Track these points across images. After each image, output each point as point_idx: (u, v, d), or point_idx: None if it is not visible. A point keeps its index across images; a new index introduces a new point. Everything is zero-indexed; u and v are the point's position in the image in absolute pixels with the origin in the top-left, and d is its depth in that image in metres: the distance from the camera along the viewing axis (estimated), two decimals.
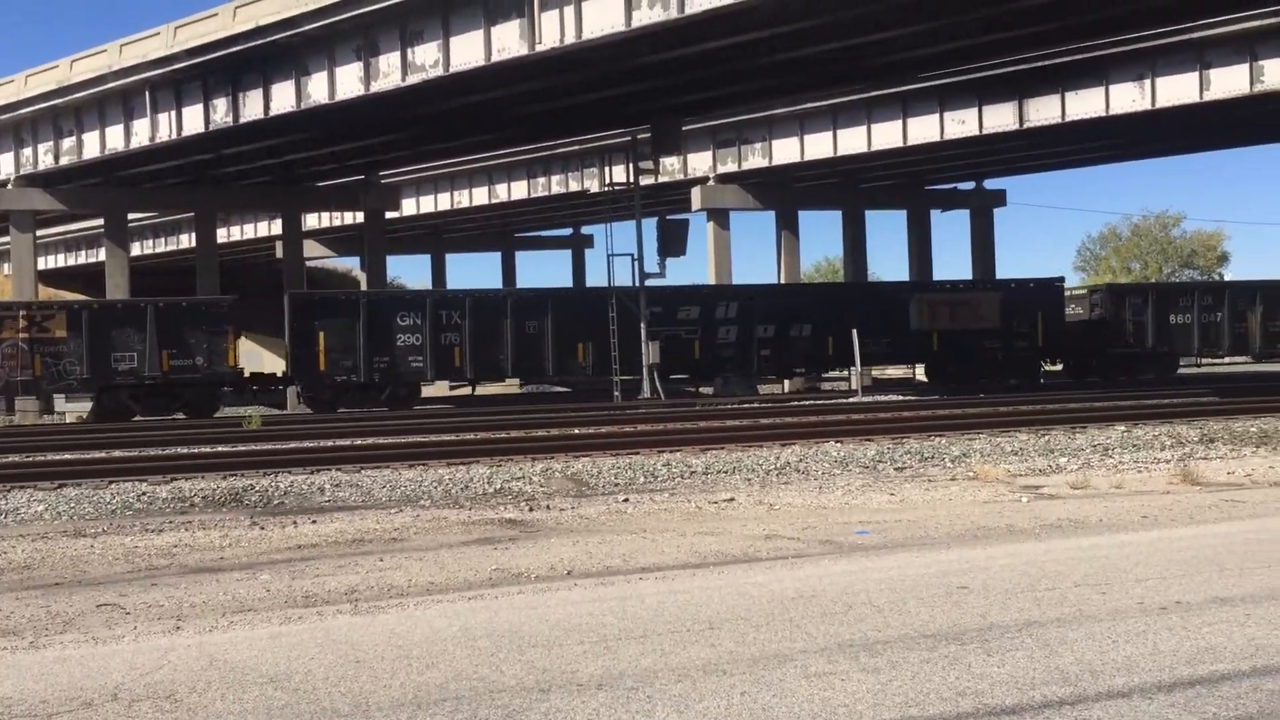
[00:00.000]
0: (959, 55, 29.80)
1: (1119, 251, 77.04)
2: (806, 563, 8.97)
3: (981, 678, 5.61)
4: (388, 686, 5.69)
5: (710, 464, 16.19)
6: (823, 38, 25.30)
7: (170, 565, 9.82)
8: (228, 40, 28.62)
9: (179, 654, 6.47)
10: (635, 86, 29.07)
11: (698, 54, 25.64)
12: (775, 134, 39.28)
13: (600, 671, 5.86)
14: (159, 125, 31.75)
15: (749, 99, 34.41)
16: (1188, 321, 36.77)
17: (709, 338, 32.14)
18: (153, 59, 30.58)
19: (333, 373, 29.79)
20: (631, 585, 8.19)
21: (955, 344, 33.92)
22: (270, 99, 29.38)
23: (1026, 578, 7.93)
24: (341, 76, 27.87)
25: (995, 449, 17.43)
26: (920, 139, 36.18)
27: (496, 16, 24.72)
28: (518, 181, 46.59)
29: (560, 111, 32.09)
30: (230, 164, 37.08)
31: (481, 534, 11.10)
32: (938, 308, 34.09)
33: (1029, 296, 35.22)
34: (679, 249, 32.98)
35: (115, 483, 14.99)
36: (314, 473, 15.65)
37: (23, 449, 20.43)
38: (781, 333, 32.70)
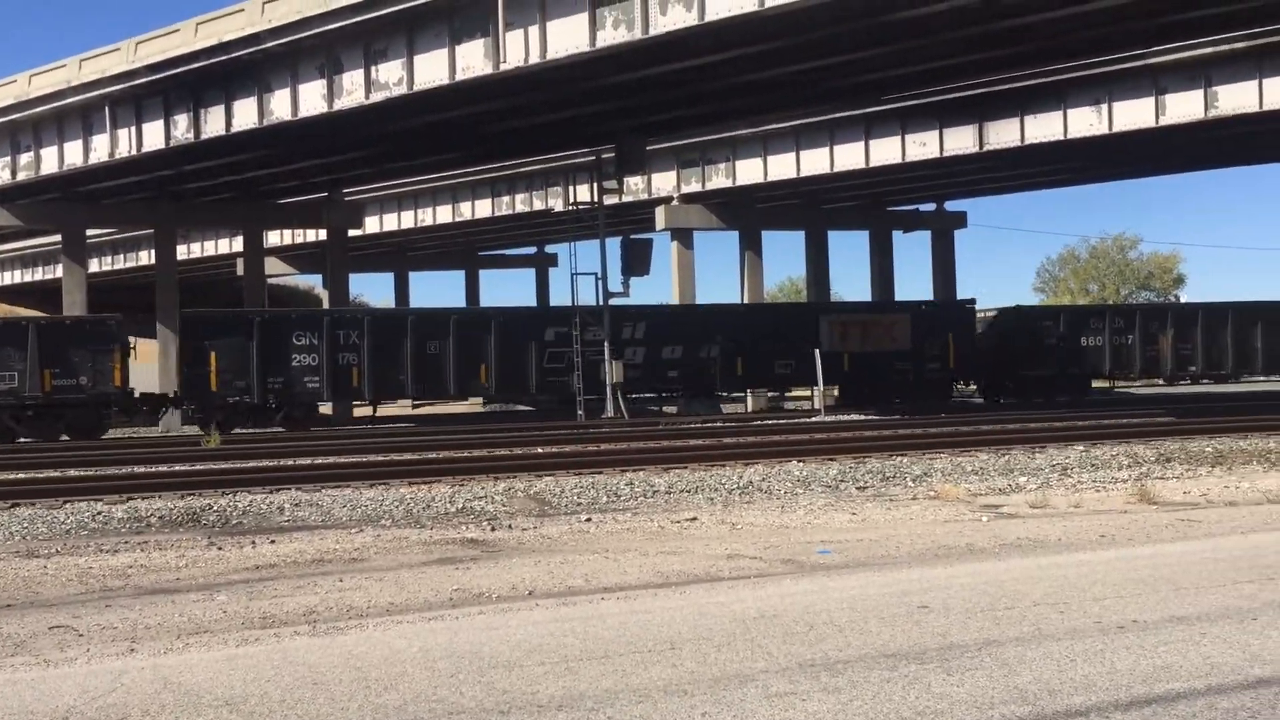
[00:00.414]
0: (920, 78, 30.14)
1: (1077, 273, 78.02)
2: (768, 582, 8.97)
3: (941, 697, 5.63)
4: (345, 709, 5.63)
5: (673, 483, 16.19)
6: (786, 60, 25.50)
7: (125, 586, 9.67)
8: (190, 56, 28.43)
9: (132, 676, 6.36)
10: (600, 106, 29.16)
11: (662, 75, 25.78)
12: (739, 154, 39.51)
13: (561, 692, 5.83)
14: (119, 141, 31.46)
15: (713, 120, 34.60)
16: (1099, 344, 36.87)
17: (616, 358, 31.68)
18: (113, 74, 30.32)
19: (224, 393, 29.13)
20: (594, 605, 8.16)
21: (866, 365, 33.83)
22: (232, 115, 29.20)
23: (986, 597, 7.97)
24: (305, 94, 27.75)
25: (956, 468, 17.54)
26: (882, 160, 36.51)
27: (461, 36, 24.73)
28: (482, 200, 46.54)
29: (525, 131, 32.13)
30: (191, 180, 36.80)
31: (443, 554, 11.02)
32: (848, 329, 34.03)
33: (940, 318, 35.37)
34: (643, 268, 33.07)
35: (70, 502, 14.78)
36: (273, 492, 15.50)
37: None
38: (690, 354, 32.41)
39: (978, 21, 23.69)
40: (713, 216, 41.59)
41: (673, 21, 21.68)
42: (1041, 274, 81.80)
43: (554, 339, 31.45)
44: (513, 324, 31.75)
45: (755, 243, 43.34)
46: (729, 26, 22.21)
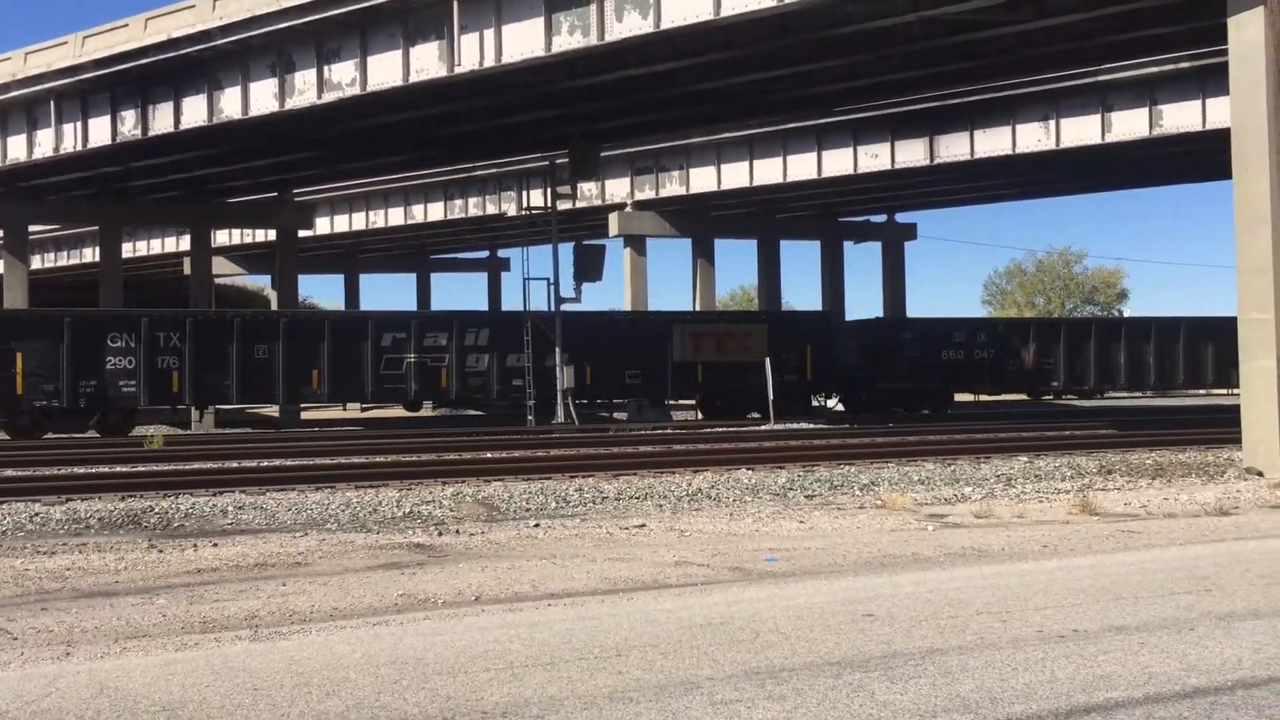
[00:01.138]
0: (873, 91, 30.44)
1: (1024, 286, 79.08)
2: (716, 590, 8.99)
3: (885, 705, 5.66)
4: (286, 715, 5.56)
5: (622, 490, 16.17)
6: (740, 69, 25.65)
7: (62, 589, 9.49)
8: (138, 52, 28.05)
9: (68, 681, 6.24)
10: (554, 111, 29.15)
11: (616, 81, 25.83)
12: (692, 162, 39.67)
13: (506, 699, 5.79)
14: (64, 136, 30.95)
15: (667, 127, 34.72)
16: (960, 358, 36.51)
17: (459, 365, 31.20)
18: (59, 68, 29.83)
19: (32, 397, 28.25)
20: (540, 611, 8.13)
21: (721, 376, 33.18)
22: (181, 113, 28.84)
23: (930, 606, 8.03)
24: (256, 92, 27.47)
25: (903, 477, 17.69)
26: (834, 171, 36.83)
27: (415, 37, 24.61)
28: (434, 203, 46.31)
29: (478, 134, 32.03)
30: (138, 177, 36.29)
31: (389, 559, 10.92)
32: (701, 339, 33.37)
33: (798, 328, 34.87)
34: (595, 274, 33.08)
35: (6, 502, 14.47)
36: (217, 494, 15.30)
37: None
38: (537, 362, 31.46)
39: (927, 36, 23.98)
40: (666, 224, 41.71)
41: (628, 29, 21.73)
42: (989, 286, 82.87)
43: (391, 344, 30.78)
44: (347, 328, 31.10)
45: (708, 250, 43.52)
46: (684, 35, 22.32)
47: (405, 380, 30.80)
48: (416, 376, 30.87)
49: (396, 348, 30.72)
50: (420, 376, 30.90)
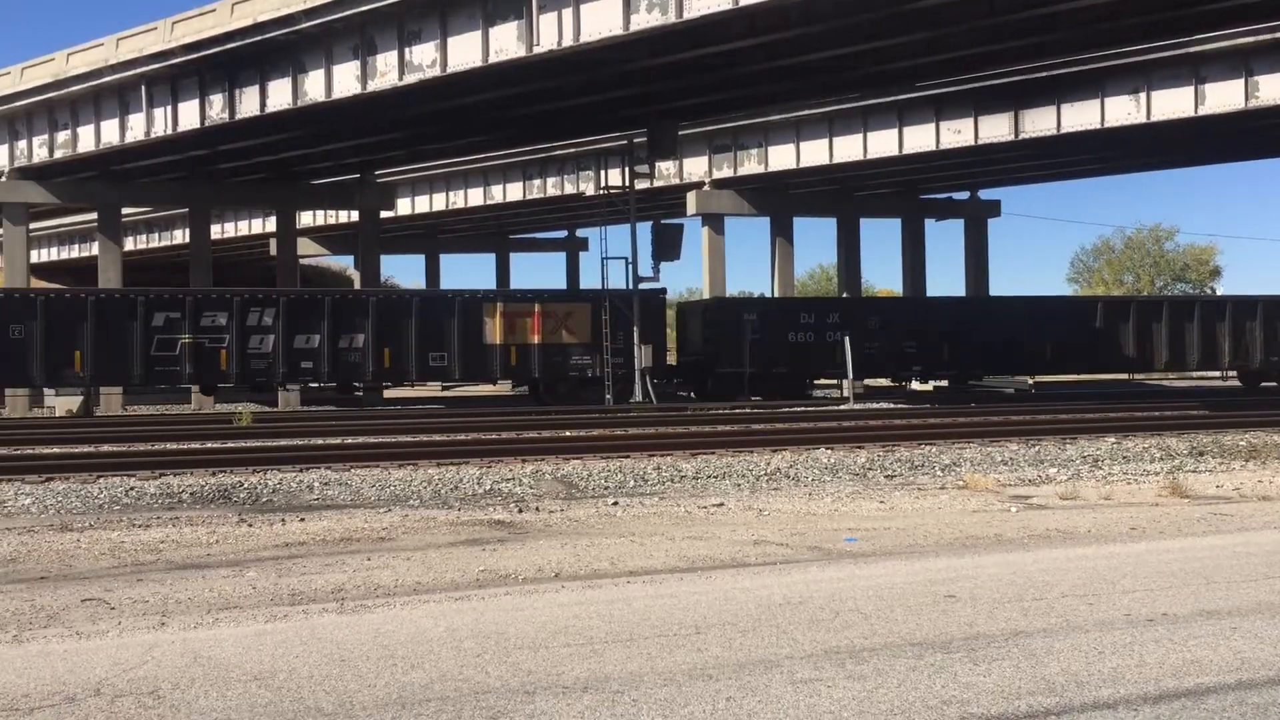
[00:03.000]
0: (956, 65, 29.87)
1: (1112, 264, 77.31)
2: (794, 569, 8.96)
3: (967, 687, 5.61)
4: (372, 686, 5.67)
5: (700, 469, 16.18)
6: (819, 45, 25.35)
7: (157, 561, 9.78)
8: (225, 36, 28.57)
9: (163, 650, 6.43)
10: (632, 90, 29.10)
11: (695, 59, 25.68)
12: (771, 140, 39.35)
13: (586, 674, 5.85)
14: (154, 120, 31.68)
15: (745, 105, 34.45)
16: (809, 340, 34.06)
17: (240, 347, 29.36)
18: (149, 54, 30.50)
19: None
20: (619, 588, 8.18)
21: (539, 359, 31.13)
22: (267, 96, 29.34)
23: (1014, 588, 7.93)
24: (338, 75, 27.85)
25: (985, 458, 17.44)
26: (916, 148, 36.26)
27: (494, 18, 24.72)
28: (513, 183, 46.58)
29: (557, 114, 32.10)
30: (225, 160, 37.01)
31: (470, 535, 11.07)
32: (515, 319, 31.06)
33: (627, 309, 31.75)
34: (673, 253, 33.02)
35: (104, 477, 14.95)
36: (303, 471, 15.62)
37: (11, 441, 20.36)
38: (331, 342, 29.76)
39: (1010, 9, 23.46)
40: (744, 202, 41.46)
41: (707, 5, 21.58)
42: (1075, 264, 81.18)
43: (164, 325, 29.08)
44: (112, 308, 29.17)
45: (786, 229, 43.19)
46: (763, 11, 22.10)
47: (179, 362, 29.15)
48: (195, 357, 29.21)
49: (170, 328, 28.98)
50: (198, 358, 29.15)
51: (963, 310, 37.99)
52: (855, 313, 35.18)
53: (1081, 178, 49.70)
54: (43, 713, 5.30)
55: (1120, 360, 38.14)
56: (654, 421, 24.68)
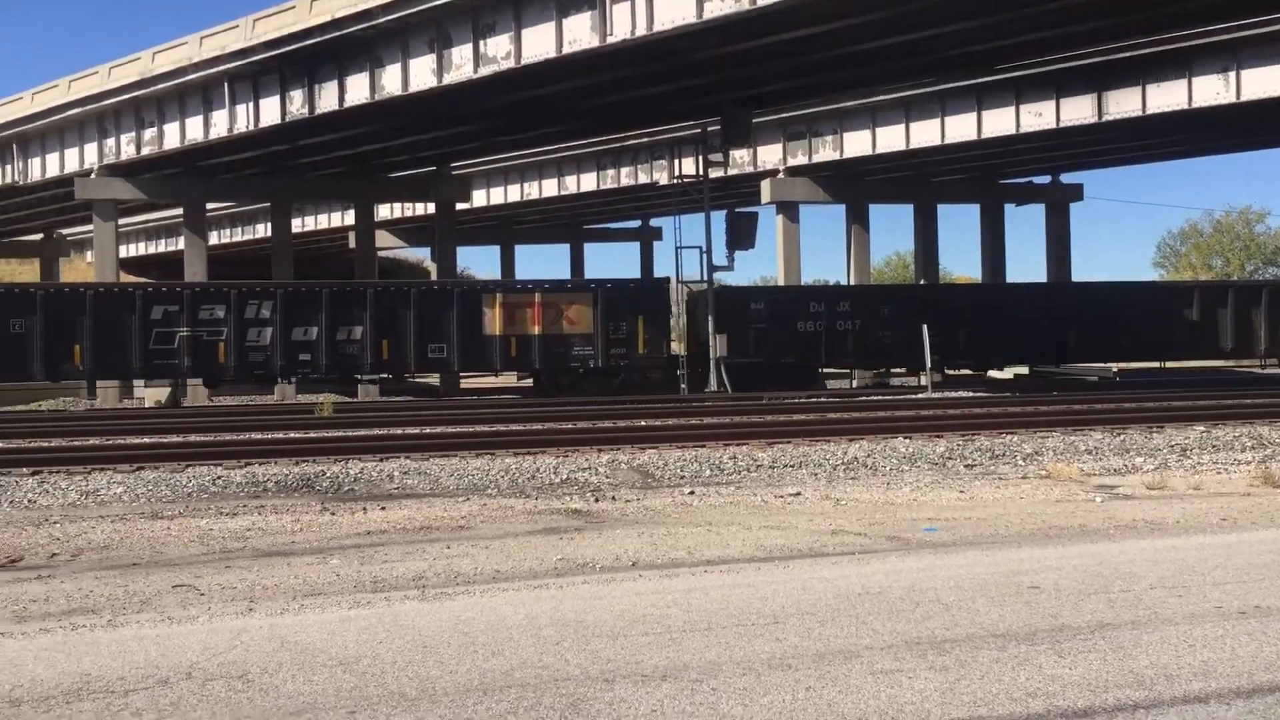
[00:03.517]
0: (1036, 47, 29.30)
1: (1200, 248, 75.35)
2: (873, 559, 8.88)
3: (1053, 679, 5.52)
4: (454, 672, 5.74)
5: (777, 458, 16.11)
6: (896, 29, 25.02)
7: (244, 548, 10.00)
8: (304, 33, 29.04)
9: (251, 635, 6.58)
10: (705, 78, 28.99)
11: (768, 46, 25.50)
12: (846, 126, 38.95)
13: (665, 663, 5.86)
14: (237, 116, 32.32)
15: (820, 91, 34.14)
16: (818, 330, 32.95)
17: (238, 339, 29.34)
18: (231, 51, 31.12)
19: None
20: (696, 577, 8.18)
21: (540, 350, 30.67)
22: (345, 91, 29.76)
23: (1100, 579, 7.78)
24: (414, 69, 28.15)
25: (1069, 447, 17.12)
26: (995, 132, 35.63)
27: (568, 8, 24.79)
28: (587, 173, 46.72)
29: (630, 103, 32.11)
30: (305, 155, 37.63)
31: (547, 524, 11.15)
32: (515, 310, 30.65)
33: (629, 299, 31.33)
34: (748, 242, 32.87)
35: (191, 466, 15.31)
36: (383, 460, 15.85)
37: (104, 432, 20.95)
38: (330, 334, 29.64)
39: None
40: (819, 189, 41.11)
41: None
42: (1162, 249, 79.23)
43: (161, 318, 29.14)
44: (111, 302, 29.30)
45: (862, 216, 42.76)
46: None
47: (178, 355, 29.24)
48: (193, 350, 29.21)
49: (169, 321, 29.09)
50: (195, 351, 29.24)
51: (974, 296, 37.46)
52: (867, 300, 34.29)
53: (1167, 160, 48.49)
54: (137, 695, 5.45)
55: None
56: (729, 410, 24.62)
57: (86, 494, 13.69)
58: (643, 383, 31.46)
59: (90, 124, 36.78)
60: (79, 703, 5.35)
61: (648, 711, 5.14)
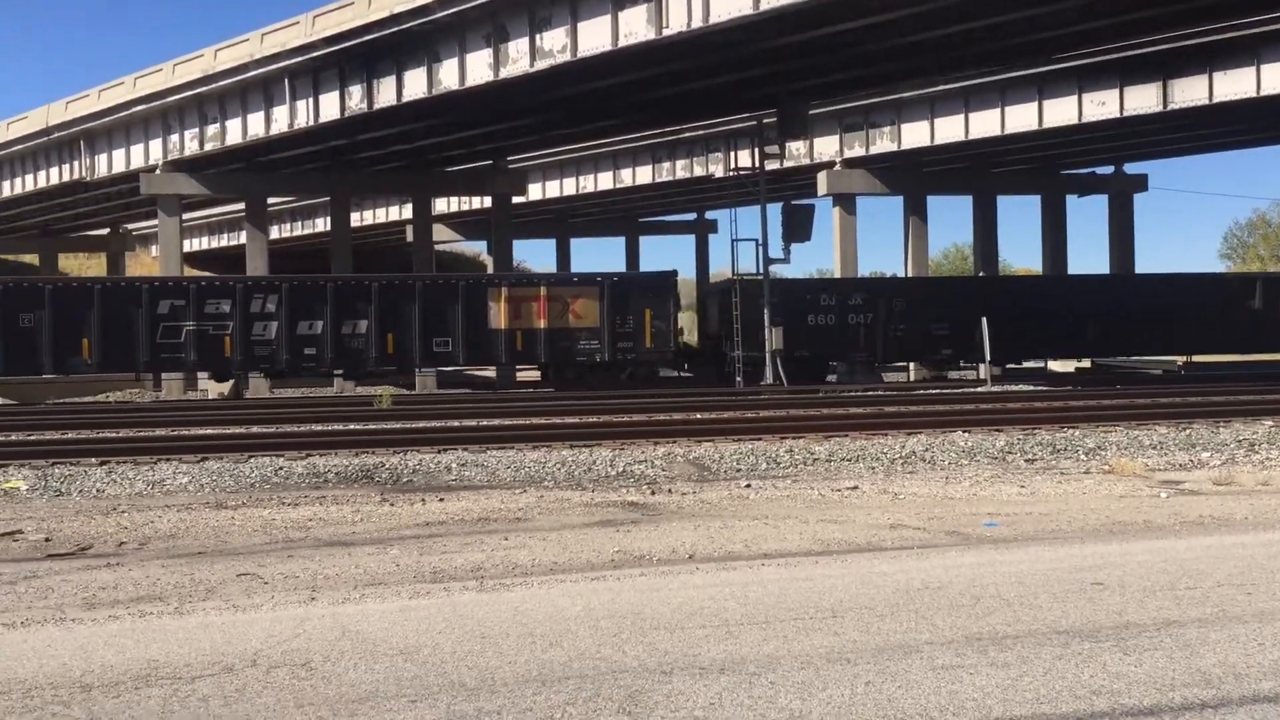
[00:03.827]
0: (1100, 35, 28.81)
1: (1268, 239, 73.65)
2: (932, 553, 8.81)
3: (1118, 677, 5.43)
4: (513, 663, 5.78)
5: (834, 451, 16.02)
6: (956, 18, 24.73)
7: (305, 538, 10.13)
8: (363, 28, 29.32)
9: (314, 624, 6.67)
10: (761, 70, 28.86)
11: (826, 37, 25.32)
12: (904, 117, 38.59)
13: (722, 656, 5.85)
14: (297, 112, 32.72)
15: (878, 82, 33.84)
16: (830, 323, 32.59)
17: (243, 334, 29.55)
18: (292, 47, 31.50)
19: None
20: (754, 571, 8.16)
21: (545, 344, 30.65)
22: (403, 85, 30.02)
23: (1166, 576, 7.65)
24: (472, 63, 28.31)
25: (1132, 442, 16.84)
26: (1057, 122, 35.12)
27: (624, 1, 24.78)
28: (642, 166, 46.73)
29: (686, 96, 32.04)
30: (364, 149, 38.02)
31: (604, 516, 11.18)
32: (521, 304, 30.56)
33: (636, 292, 31.17)
34: (804, 234, 32.70)
35: (254, 457, 15.55)
36: (441, 452, 15.98)
37: (169, 423, 21.34)
38: (335, 328, 29.82)
39: None
40: (876, 181, 40.78)
41: None
42: (1229, 240, 77.57)
43: (168, 312, 29.46)
44: (118, 296, 29.65)
45: (920, 208, 42.33)
46: None
47: (184, 349, 29.48)
48: (200, 345, 29.50)
49: (175, 315, 29.45)
50: (202, 346, 29.50)
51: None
52: (880, 294, 33.77)
53: (1235, 149, 47.50)
54: (204, 682, 5.55)
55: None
56: (785, 404, 24.52)
57: (153, 484, 13.95)
58: (650, 376, 31.45)
59: (155, 120, 37.44)
60: (147, 688, 5.46)
61: (705, 704, 5.13)
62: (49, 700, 5.30)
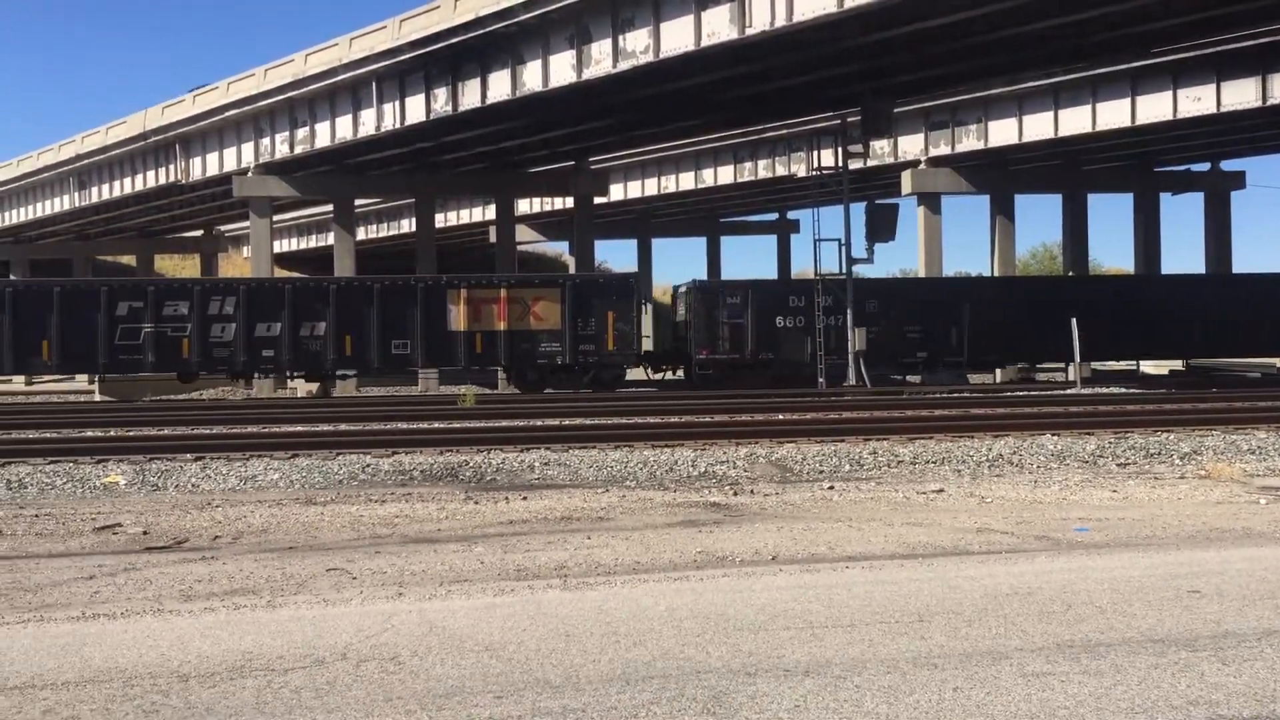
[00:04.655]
0: (1196, 28, 28.05)
1: None
2: (1021, 558, 8.65)
3: (1216, 687, 5.28)
4: (596, 661, 5.80)
5: (918, 453, 15.82)
6: (1046, 13, 24.26)
7: (392, 535, 10.29)
8: (448, 32, 29.69)
9: (401, 619, 6.77)
10: (845, 68, 28.61)
11: (912, 34, 25.02)
12: (991, 114, 37.97)
13: (807, 658, 5.81)
14: (384, 115, 33.24)
15: (965, 79, 33.35)
16: (800, 325, 31.58)
17: (201, 335, 29.61)
18: (379, 51, 32.01)
19: None
20: (838, 573, 8.09)
21: (505, 346, 30.36)
22: (487, 88, 30.32)
23: (1265, 584, 7.42)
24: (555, 64, 28.50)
25: (1230, 446, 16.37)
26: (1150, 118, 34.27)
27: (707, 1, 24.75)
28: (724, 166, 46.62)
29: (768, 95, 31.90)
30: (448, 151, 38.49)
31: (686, 516, 11.18)
32: (481, 306, 30.31)
33: (598, 294, 30.70)
34: (888, 234, 32.33)
35: (342, 454, 15.83)
36: (524, 451, 16.11)
37: (261, 420, 21.83)
38: (293, 330, 29.79)
39: None
40: (962, 180, 40.18)
41: None
42: None
43: (127, 314, 29.49)
44: (78, 298, 29.68)
45: (1007, 207, 41.62)
46: None
47: (142, 350, 29.61)
48: (156, 346, 29.60)
49: (133, 317, 29.60)
50: (160, 347, 29.59)
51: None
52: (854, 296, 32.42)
53: None
54: (296, 674, 5.67)
55: None
56: (868, 405, 24.27)
57: (245, 479, 14.28)
58: (614, 380, 31.06)
59: (247, 124, 38.33)
60: (241, 679, 5.59)
61: (790, 707, 5.10)
62: (148, 689, 5.45)
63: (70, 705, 5.24)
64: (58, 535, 10.53)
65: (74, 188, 49.82)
